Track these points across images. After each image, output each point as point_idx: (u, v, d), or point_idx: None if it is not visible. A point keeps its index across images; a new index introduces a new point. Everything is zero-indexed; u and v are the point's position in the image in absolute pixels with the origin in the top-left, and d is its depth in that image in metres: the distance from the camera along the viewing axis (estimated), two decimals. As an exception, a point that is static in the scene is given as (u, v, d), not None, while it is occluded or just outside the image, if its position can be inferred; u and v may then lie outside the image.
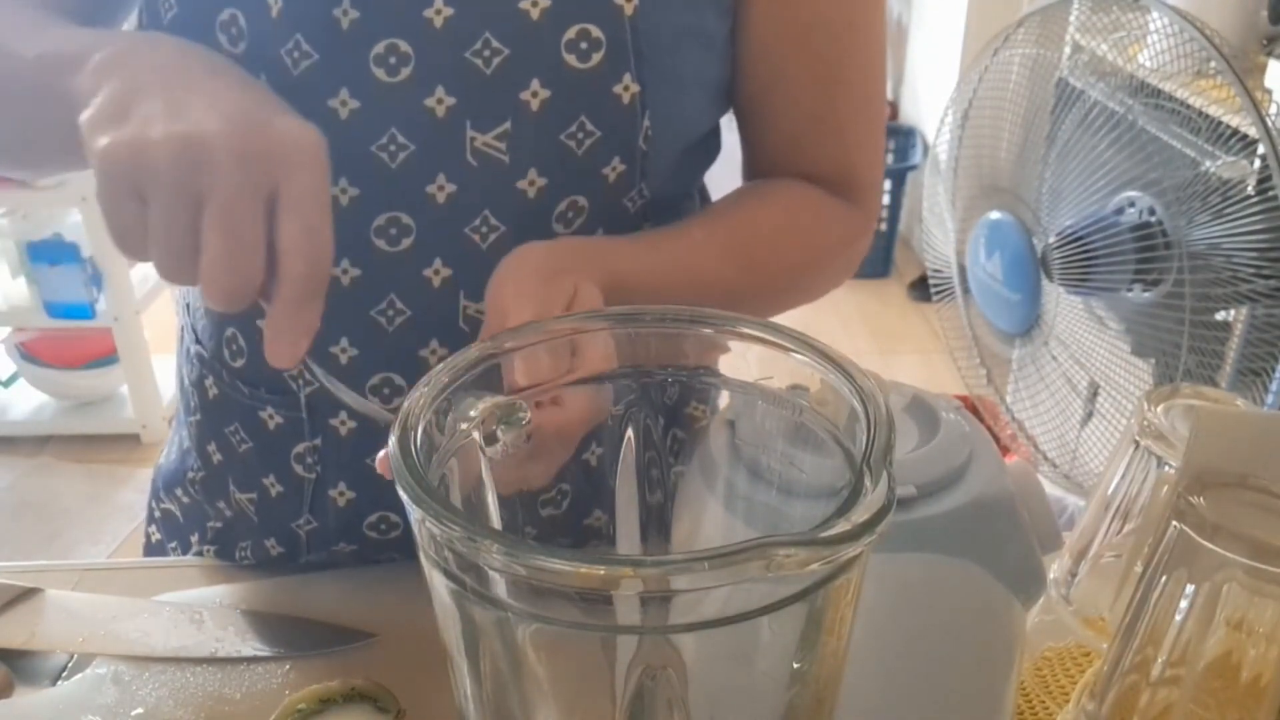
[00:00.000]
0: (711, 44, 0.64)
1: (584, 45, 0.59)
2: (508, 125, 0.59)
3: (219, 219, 0.45)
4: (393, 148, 0.59)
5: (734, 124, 0.72)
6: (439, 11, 0.57)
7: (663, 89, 0.61)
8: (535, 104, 0.59)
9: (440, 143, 0.59)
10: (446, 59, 0.58)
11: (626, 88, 0.60)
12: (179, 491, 0.78)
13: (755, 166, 0.74)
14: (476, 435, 0.41)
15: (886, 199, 3.35)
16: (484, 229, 0.62)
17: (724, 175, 0.75)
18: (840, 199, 0.72)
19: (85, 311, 2.45)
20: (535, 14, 0.58)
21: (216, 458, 0.73)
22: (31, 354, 2.56)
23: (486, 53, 0.58)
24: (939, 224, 1.79)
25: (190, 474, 0.75)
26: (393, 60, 0.58)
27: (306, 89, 0.58)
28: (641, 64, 0.60)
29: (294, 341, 0.47)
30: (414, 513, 0.33)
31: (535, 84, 0.59)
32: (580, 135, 0.60)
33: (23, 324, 2.54)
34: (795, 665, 0.37)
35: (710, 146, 0.71)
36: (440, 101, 0.59)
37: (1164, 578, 0.39)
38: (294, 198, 0.46)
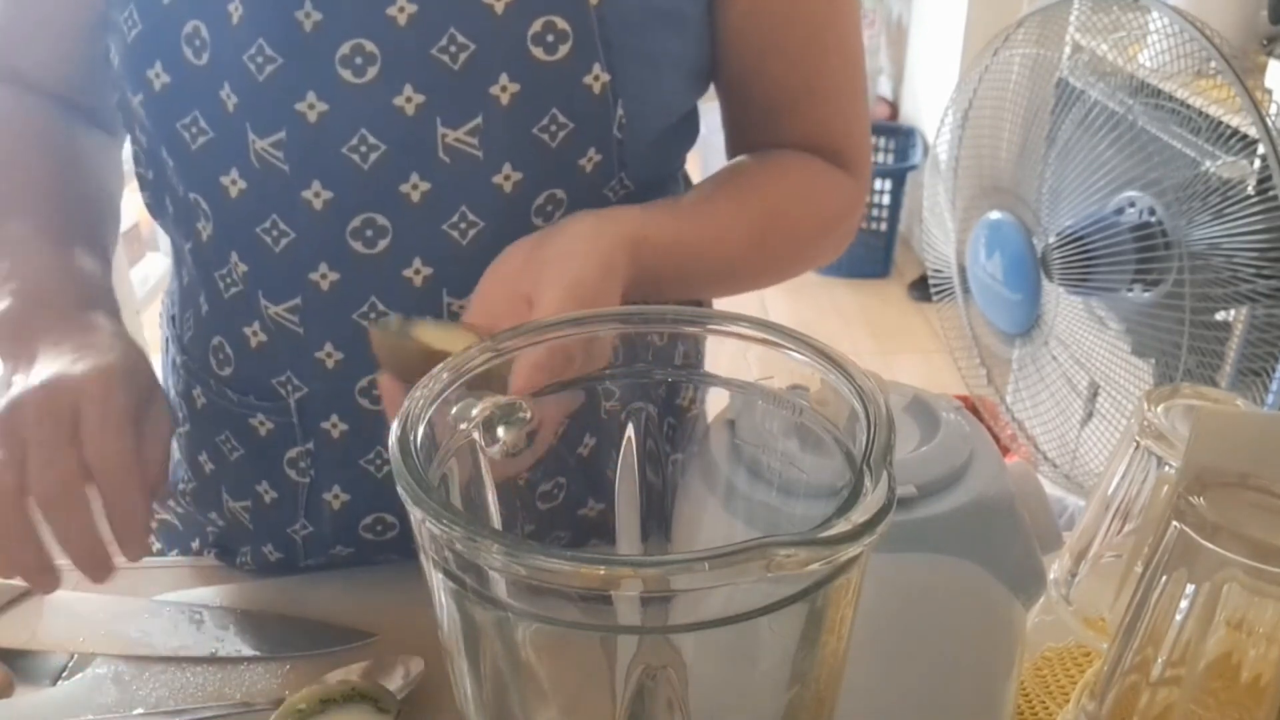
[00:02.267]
0: (684, 25, 0.64)
1: (550, 38, 0.58)
2: (479, 120, 0.59)
3: (40, 471, 0.54)
4: (363, 149, 0.59)
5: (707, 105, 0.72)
6: (402, 9, 0.57)
7: (634, 75, 0.61)
8: (505, 98, 0.59)
9: (411, 141, 0.59)
10: (413, 57, 0.58)
11: (597, 77, 0.59)
12: (171, 503, 0.77)
13: (744, 143, 0.73)
14: (476, 435, 0.41)
15: (886, 199, 3.35)
16: (463, 225, 0.61)
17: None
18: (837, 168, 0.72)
19: (85, 312, 2.44)
20: (499, 8, 0.57)
21: (208, 467, 0.72)
22: (31, 354, 2.56)
23: (453, 49, 0.58)
24: (939, 224, 1.79)
25: (181, 486, 0.75)
26: (358, 60, 0.57)
27: (272, 93, 0.58)
28: (610, 52, 0.59)
29: (135, 537, 0.56)
30: (414, 513, 0.33)
31: (504, 78, 0.58)
32: (553, 128, 0.60)
33: (23, 324, 2.54)
34: (795, 665, 0.37)
35: (689, 128, 0.71)
36: (409, 100, 0.58)
37: (1164, 578, 0.39)
38: (87, 430, 0.55)
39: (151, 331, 2.56)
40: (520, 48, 0.58)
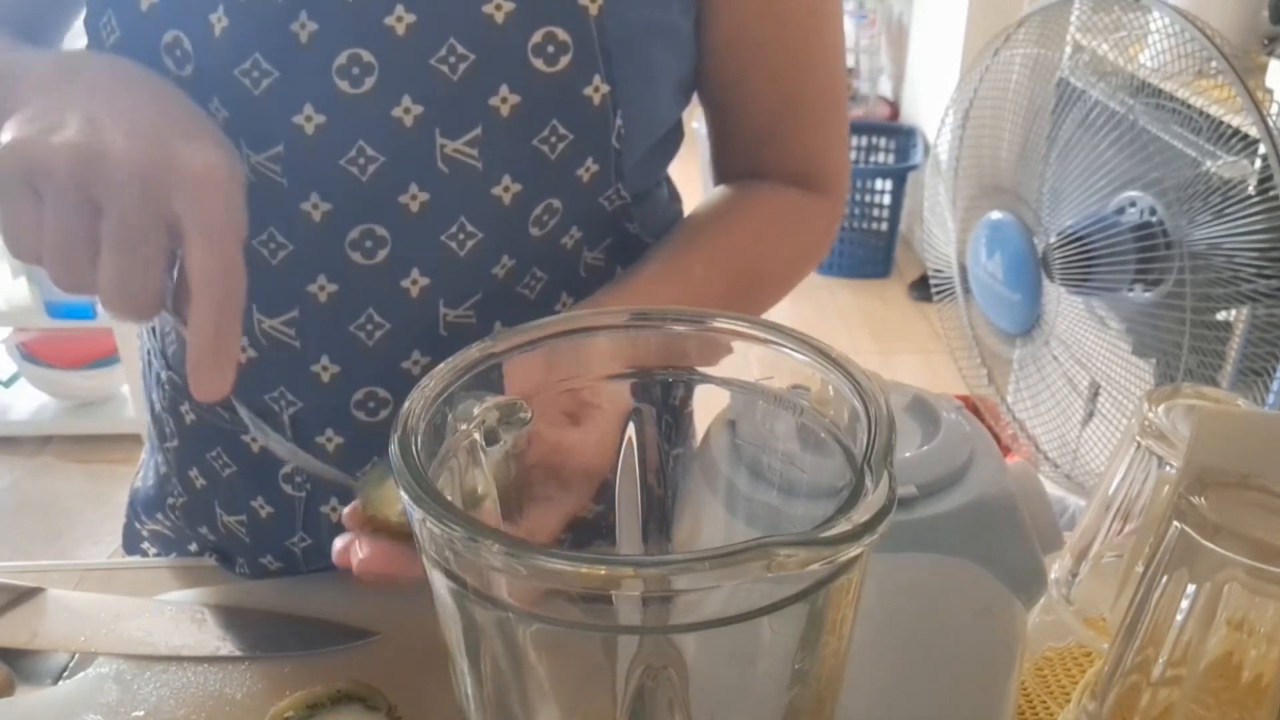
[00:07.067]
0: (677, 38, 0.64)
1: (550, 49, 0.58)
2: (478, 131, 0.58)
3: (115, 234, 0.45)
4: (362, 160, 0.58)
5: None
6: (400, 19, 0.56)
7: (632, 87, 0.61)
8: (505, 109, 0.58)
9: (410, 152, 0.58)
10: (411, 67, 0.57)
11: (596, 89, 0.59)
12: (160, 516, 0.77)
13: (728, 159, 0.74)
14: (476, 435, 0.41)
15: (887, 199, 3.35)
16: (460, 236, 0.61)
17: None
18: (814, 193, 0.72)
19: (86, 311, 2.45)
20: (499, 18, 0.57)
21: (199, 483, 0.71)
22: (32, 354, 2.56)
23: (452, 59, 0.57)
24: (940, 224, 1.79)
25: (171, 500, 0.74)
26: (355, 71, 0.57)
27: (269, 107, 0.57)
28: (610, 64, 0.59)
29: (217, 373, 0.47)
30: (414, 513, 0.33)
31: (504, 89, 0.58)
32: (553, 139, 0.60)
33: (23, 324, 2.54)
34: (796, 665, 0.37)
35: (675, 137, 0.71)
36: (408, 111, 0.57)
37: (1165, 578, 0.39)
38: (201, 224, 0.45)
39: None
40: (521, 58, 0.58)
